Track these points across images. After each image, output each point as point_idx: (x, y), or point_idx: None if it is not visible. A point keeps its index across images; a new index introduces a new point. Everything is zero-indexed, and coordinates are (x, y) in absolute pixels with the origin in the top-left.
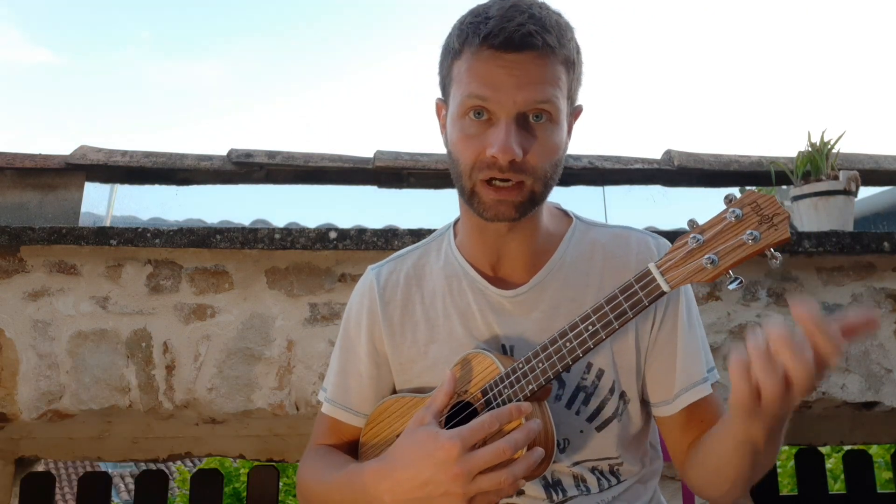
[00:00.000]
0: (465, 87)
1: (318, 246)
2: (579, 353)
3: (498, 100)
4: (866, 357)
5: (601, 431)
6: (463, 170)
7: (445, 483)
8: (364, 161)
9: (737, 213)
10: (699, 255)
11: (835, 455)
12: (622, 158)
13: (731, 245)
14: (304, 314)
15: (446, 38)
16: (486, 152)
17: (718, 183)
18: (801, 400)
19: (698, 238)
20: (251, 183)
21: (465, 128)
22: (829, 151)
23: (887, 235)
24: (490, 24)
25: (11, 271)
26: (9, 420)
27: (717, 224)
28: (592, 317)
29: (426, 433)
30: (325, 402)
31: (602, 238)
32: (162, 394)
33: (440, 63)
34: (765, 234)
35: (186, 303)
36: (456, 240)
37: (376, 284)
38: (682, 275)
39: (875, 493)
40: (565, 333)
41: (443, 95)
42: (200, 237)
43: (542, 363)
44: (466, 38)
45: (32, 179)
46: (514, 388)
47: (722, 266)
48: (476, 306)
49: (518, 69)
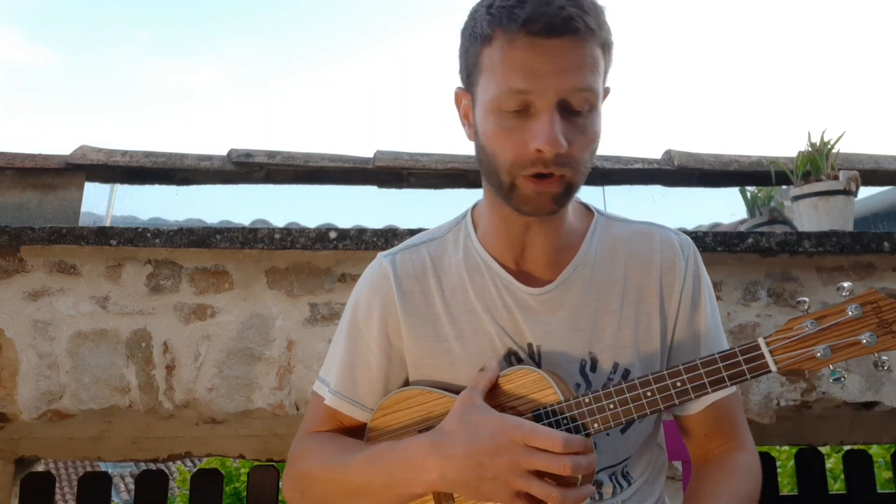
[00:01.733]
0: (503, 80)
1: (318, 246)
2: (661, 407)
3: (539, 90)
4: (866, 357)
5: (625, 433)
6: (501, 165)
7: (500, 467)
8: (364, 161)
9: (856, 311)
10: (812, 343)
11: (835, 455)
12: (622, 158)
13: (846, 342)
14: (304, 314)
15: (471, 22)
16: (530, 146)
17: (718, 183)
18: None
19: (814, 325)
20: (251, 183)
21: (503, 121)
22: (829, 151)
23: (887, 235)
24: (527, 9)
25: (11, 271)
26: (9, 420)
27: (834, 315)
28: (684, 375)
29: (486, 413)
30: (328, 394)
31: (625, 234)
32: (162, 394)
33: (464, 50)
34: (881, 340)
35: (186, 303)
36: (477, 232)
37: (392, 273)
38: (791, 359)
39: (875, 493)
40: (648, 383)
41: (466, 85)
42: (200, 237)
43: (614, 405)
44: (500, 22)
45: (32, 179)
46: (576, 422)
47: (832, 360)
48: (501, 301)
49: (559, 55)
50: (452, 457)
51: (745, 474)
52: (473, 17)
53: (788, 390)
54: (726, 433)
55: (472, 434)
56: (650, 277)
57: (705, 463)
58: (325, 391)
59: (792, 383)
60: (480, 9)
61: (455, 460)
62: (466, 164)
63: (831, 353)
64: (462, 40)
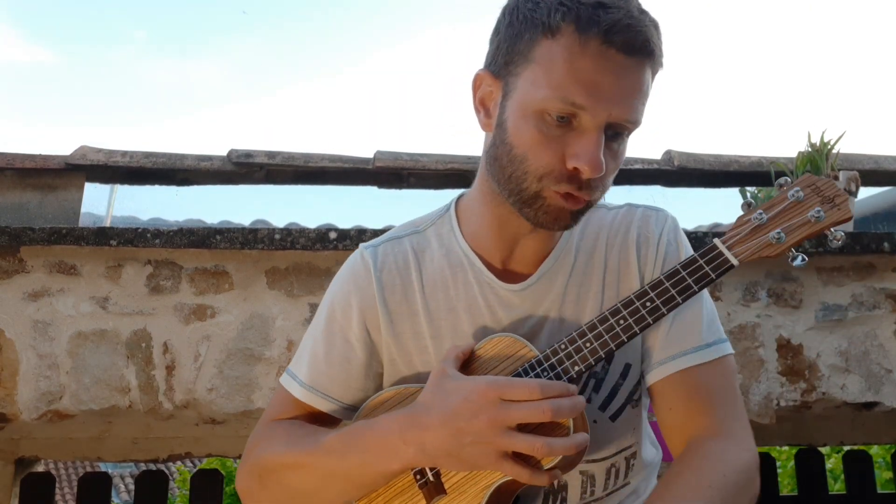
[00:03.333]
0: (561, 84)
1: (318, 246)
2: (636, 330)
3: (594, 108)
4: (866, 357)
5: (615, 421)
6: (532, 172)
7: (479, 429)
8: (364, 161)
9: (798, 195)
10: (765, 231)
11: (835, 455)
12: None
13: (796, 223)
14: (304, 314)
15: (528, 4)
16: (568, 162)
17: (719, 183)
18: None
19: (762, 215)
20: (251, 183)
21: (545, 127)
22: (829, 151)
23: (887, 235)
24: (613, 15)
25: (11, 271)
26: (9, 420)
27: (779, 203)
28: (651, 293)
29: (459, 380)
30: (298, 386)
31: (607, 219)
32: (162, 394)
33: (514, 32)
34: (828, 213)
35: (186, 303)
36: (462, 227)
37: (372, 265)
38: (749, 249)
39: (875, 493)
40: (618, 311)
41: (497, 70)
42: (200, 237)
43: (590, 343)
44: (577, 19)
45: (32, 180)
46: (556, 370)
47: (789, 242)
48: (483, 300)
49: (626, 77)
50: (429, 426)
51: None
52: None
53: (788, 390)
54: (709, 412)
55: (446, 400)
56: (628, 254)
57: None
58: (295, 385)
59: (792, 384)
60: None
61: (432, 430)
62: (466, 164)
63: (786, 236)
64: (510, 20)
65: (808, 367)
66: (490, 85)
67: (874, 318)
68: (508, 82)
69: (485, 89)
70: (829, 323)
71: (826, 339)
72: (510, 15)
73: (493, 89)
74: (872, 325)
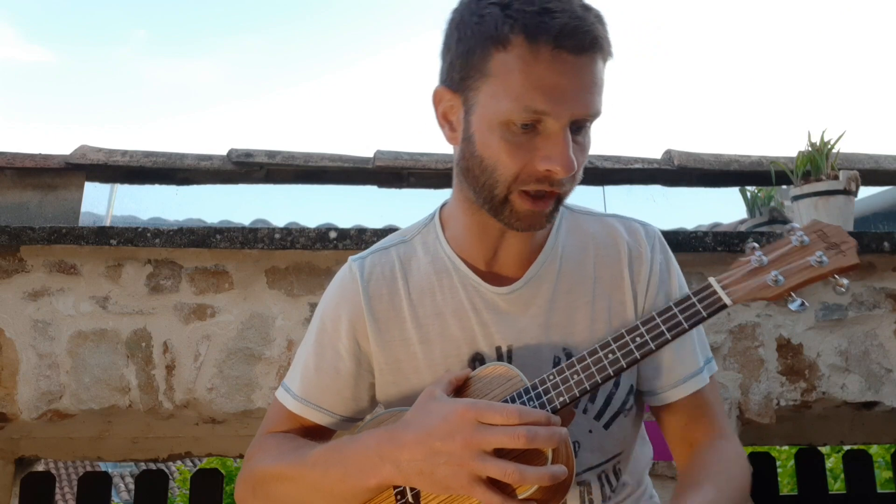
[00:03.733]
0: (521, 94)
1: (318, 246)
2: (623, 365)
3: (556, 112)
4: (866, 357)
5: (609, 429)
6: (501, 179)
7: (453, 450)
8: (364, 161)
9: (803, 239)
10: (763, 274)
11: (835, 455)
12: (622, 158)
13: (796, 266)
14: (304, 314)
15: (474, 18)
16: (539, 165)
17: (719, 183)
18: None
19: (761, 258)
20: (251, 183)
21: (511, 136)
22: (829, 151)
23: (887, 235)
24: (559, 20)
25: (11, 271)
26: (9, 420)
27: (781, 247)
28: (642, 328)
29: (443, 401)
30: (291, 399)
31: (592, 229)
32: (162, 394)
33: (466, 48)
34: (832, 259)
35: (186, 303)
36: (446, 234)
37: (359, 276)
38: (744, 290)
39: (875, 493)
40: (608, 344)
41: (455, 86)
42: (200, 237)
43: (577, 374)
44: (525, 28)
45: (32, 179)
46: (541, 399)
47: (787, 286)
48: (470, 304)
49: (581, 75)
50: (405, 444)
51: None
52: (479, 12)
53: (788, 390)
54: (709, 421)
55: (426, 419)
56: (619, 268)
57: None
58: (288, 398)
59: (792, 383)
60: (490, 6)
61: (407, 448)
62: None
63: (784, 280)
64: (458, 35)
65: (808, 367)
66: (450, 100)
67: (874, 318)
68: (468, 97)
69: (446, 104)
70: (829, 322)
71: (826, 339)
72: (458, 30)
73: (453, 104)
74: (872, 324)
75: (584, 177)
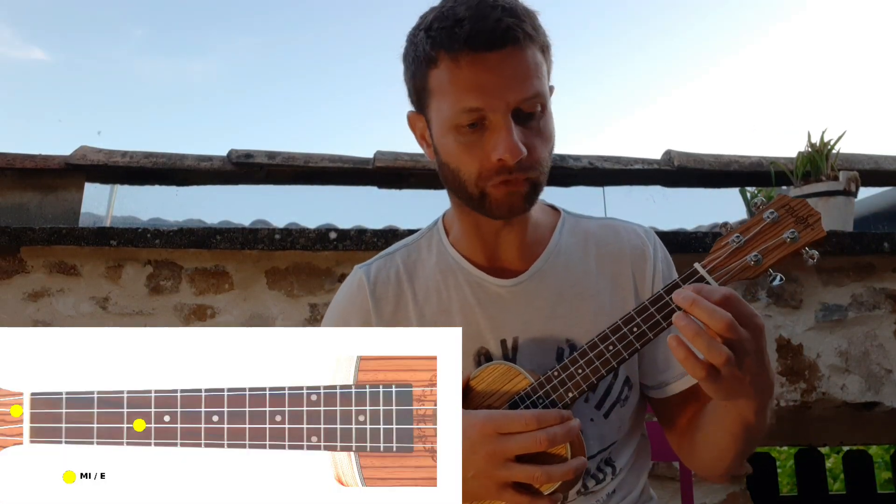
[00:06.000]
0: (455, 100)
1: (318, 246)
2: (625, 356)
3: (492, 105)
4: (866, 357)
5: (608, 417)
6: (467, 179)
7: (479, 464)
8: (364, 161)
9: (773, 216)
10: (743, 255)
11: (835, 455)
12: (622, 159)
13: (772, 244)
14: (304, 315)
15: (411, 47)
16: (492, 158)
17: (718, 183)
18: (751, 353)
19: (739, 238)
20: (251, 183)
21: (461, 138)
22: (829, 152)
23: (887, 235)
24: (466, 26)
25: (11, 272)
26: None
27: (755, 226)
28: (637, 318)
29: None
30: None
31: (592, 228)
32: None
33: (411, 74)
34: (803, 234)
35: (186, 303)
36: (449, 236)
37: (367, 282)
38: (728, 273)
39: (875, 493)
40: (606, 337)
41: (417, 108)
42: (200, 237)
43: (582, 369)
44: (442, 44)
45: (32, 180)
46: (550, 397)
47: (766, 264)
48: (475, 300)
49: (504, 67)
50: None
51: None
52: (413, 41)
53: (788, 390)
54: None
55: None
56: (622, 266)
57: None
58: None
59: (792, 384)
60: (419, 32)
61: None
62: None
63: (763, 258)
64: (406, 65)
65: (808, 368)
66: (419, 122)
67: (874, 319)
68: (427, 115)
69: (419, 126)
70: (829, 323)
71: (826, 340)
72: (404, 61)
73: (422, 124)
74: (872, 325)
75: (584, 177)
